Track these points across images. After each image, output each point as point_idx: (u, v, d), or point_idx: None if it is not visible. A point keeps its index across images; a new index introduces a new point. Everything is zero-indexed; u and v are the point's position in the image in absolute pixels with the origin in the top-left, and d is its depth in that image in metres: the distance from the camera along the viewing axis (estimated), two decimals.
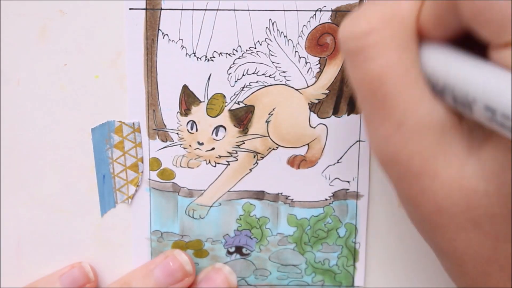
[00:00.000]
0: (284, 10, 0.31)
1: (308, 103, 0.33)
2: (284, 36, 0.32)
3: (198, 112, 0.33)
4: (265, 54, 0.32)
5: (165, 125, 0.33)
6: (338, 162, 0.34)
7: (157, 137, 0.33)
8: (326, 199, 0.34)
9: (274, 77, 0.32)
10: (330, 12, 0.31)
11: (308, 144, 0.33)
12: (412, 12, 0.23)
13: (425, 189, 0.23)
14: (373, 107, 0.23)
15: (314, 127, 0.33)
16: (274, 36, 0.32)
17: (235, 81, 0.32)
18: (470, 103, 0.21)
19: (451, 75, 0.22)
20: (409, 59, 0.23)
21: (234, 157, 0.33)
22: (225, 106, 0.33)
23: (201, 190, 0.34)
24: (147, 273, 0.33)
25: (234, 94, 0.32)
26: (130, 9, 0.31)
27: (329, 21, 0.32)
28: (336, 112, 0.33)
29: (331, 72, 0.32)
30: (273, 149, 0.33)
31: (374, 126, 0.23)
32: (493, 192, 0.22)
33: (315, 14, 0.31)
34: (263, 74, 0.32)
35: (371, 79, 0.23)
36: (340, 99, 0.33)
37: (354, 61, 0.23)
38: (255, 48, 0.32)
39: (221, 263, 0.35)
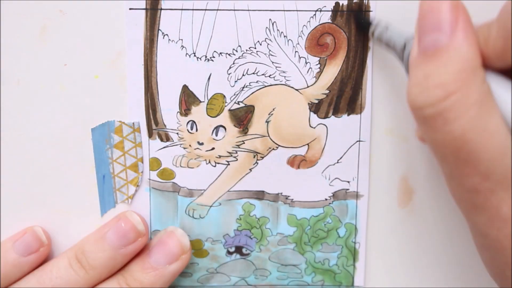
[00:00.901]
0: (284, 10, 0.31)
1: (308, 103, 0.33)
2: (284, 36, 0.32)
3: (198, 112, 0.33)
4: (265, 54, 0.32)
5: (165, 125, 0.33)
6: (338, 162, 0.34)
7: (157, 137, 0.33)
8: (326, 199, 0.34)
9: (274, 77, 0.32)
10: (330, 12, 0.31)
11: (308, 144, 0.33)
12: (477, 58, 0.23)
13: None
14: (456, 164, 0.23)
15: (314, 127, 0.33)
16: (274, 36, 0.32)
17: (235, 81, 0.32)
18: None
19: None
20: (487, 109, 0.23)
21: (234, 157, 0.33)
22: (225, 106, 0.33)
23: (201, 190, 0.34)
24: (101, 237, 0.32)
25: (234, 94, 0.32)
26: (130, 9, 0.31)
27: (329, 21, 0.32)
28: (336, 112, 0.33)
29: (331, 72, 0.32)
30: (273, 149, 0.33)
31: (459, 181, 0.24)
32: None
33: (315, 14, 0.31)
34: (263, 74, 0.32)
35: (452, 140, 0.23)
36: (340, 99, 0.33)
37: (433, 126, 0.23)
38: (255, 48, 0.32)
39: (173, 226, 0.34)
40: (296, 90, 0.32)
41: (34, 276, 0.32)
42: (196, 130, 0.33)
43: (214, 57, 0.32)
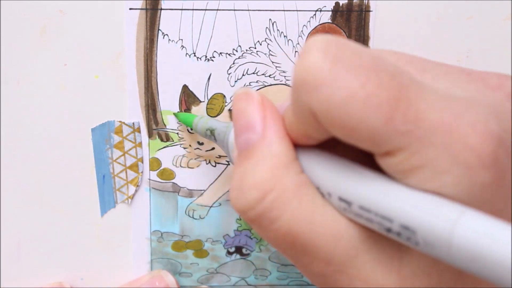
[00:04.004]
0: (284, 10, 0.31)
1: None
2: (284, 36, 0.32)
3: (198, 112, 0.33)
4: (265, 54, 0.32)
5: (165, 125, 0.33)
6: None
7: (157, 137, 0.33)
8: None
9: (274, 77, 0.32)
10: (330, 12, 0.31)
11: None
12: (290, 151, 0.23)
13: None
14: (297, 256, 0.23)
15: None
16: (274, 36, 0.32)
17: (235, 81, 0.32)
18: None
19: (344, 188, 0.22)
20: (308, 199, 0.22)
21: None
22: (225, 106, 0.33)
23: (201, 190, 0.34)
24: None
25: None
26: (130, 9, 0.31)
27: (329, 21, 0.32)
28: None
29: None
30: None
31: (305, 268, 0.23)
32: None
33: (315, 14, 0.32)
34: (263, 74, 0.32)
35: (283, 236, 0.23)
36: None
37: (260, 227, 0.23)
38: (255, 48, 0.32)
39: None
40: None
41: None
42: None
43: (214, 57, 0.32)
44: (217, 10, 0.31)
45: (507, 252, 0.17)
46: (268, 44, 0.32)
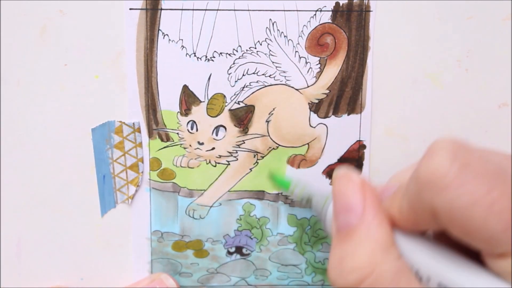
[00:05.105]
0: (284, 10, 0.31)
1: (308, 103, 0.33)
2: (284, 36, 0.32)
3: (198, 112, 0.33)
4: (265, 54, 0.32)
5: (165, 125, 0.33)
6: (338, 162, 0.34)
7: (157, 137, 0.33)
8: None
9: (274, 77, 0.32)
10: (330, 12, 0.31)
11: (308, 143, 0.33)
12: (388, 235, 0.24)
13: None
14: None
15: (314, 127, 0.33)
16: (274, 36, 0.32)
17: (235, 81, 0.32)
18: None
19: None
20: (405, 281, 0.23)
21: (234, 156, 0.33)
22: (225, 106, 0.33)
23: (201, 190, 0.34)
24: None
25: (234, 94, 0.32)
26: (130, 9, 0.31)
27: (329, 21, 0.32)
28: (336, 112, 0.33)
29: (331, 72, 0.32)
30: (273, 148, 0.33)
31: None
32: None
33: (315, 14, 0.32)
34: (263, 74, 0.32)
35: None
36: (340, 99, 0.33)
37: None
38: (255, 48, 0.32)
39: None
40: (296, 90, 0.33)
41: None
42: (197, 130, 0.33)
43: (214, 57, 0.32)
44: (217, 10, 0.31)
45: None
46: (268, 44, 0.32)
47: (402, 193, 0.24)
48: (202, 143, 0.33)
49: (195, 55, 0.32)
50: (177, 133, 0.33)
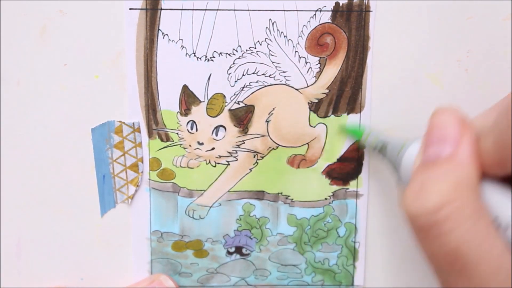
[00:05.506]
0: (284, 10, 0.31)
1: (308, 103, 0.33)
2: (284, 36, 0.32)
3: (198, 112, 0.33)
4: (265, 54, 0.32)
5: (165, 125, 0.33)
6: (337, 162, 0.34)
7: (157, 137, 0.33)
8: (326, 199, 0.34)
9: (274, 77, 0.32)
10: (330, 12, 0.31)
11: (308, 143, 0.33)
12: (476, 175, 0.23)
13: None
14: (450, 275, 0.23)
15: (314, 127, 0.33)
16: (274, 36, 0.32)
17: (235, 81, 0.32)
18: None
19: None
20: (482, 224, 0.23)
21: (234, 157, 0.33)
22: (225, 106, 0.33)
23: (201, 190, 0.34)
24: None
25: (234, 94, 0.33)
26: (130, 9, 0.31)
27: (329, 21, 0.32)
28: (335, 111, 0.33)
29: (331, 72, 0.32)
30: (273, 148, 0.33)
31: (450, 286, 0.24)
32: None
33: (315, 14, 0.32)
34: (263, 74, 0.32)
35: (447, 252, 0.23)
36: (340, 98, 0.33)
37: (426, 237, 0.23)
38: (255, 48, 0.32)
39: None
40: (296, 89, 0.33)
41: None
42: (196, 130, 0.33)
43: (214, 57, 0.32)
44: (217, 10, 0.31)
45: None
46: (268, 44, 0.32)
47: (486, 133, 0.23)
48: (202, 143, 0.33)
49: (195, 55, 0.32)
50: (177, 133, 0.33)
